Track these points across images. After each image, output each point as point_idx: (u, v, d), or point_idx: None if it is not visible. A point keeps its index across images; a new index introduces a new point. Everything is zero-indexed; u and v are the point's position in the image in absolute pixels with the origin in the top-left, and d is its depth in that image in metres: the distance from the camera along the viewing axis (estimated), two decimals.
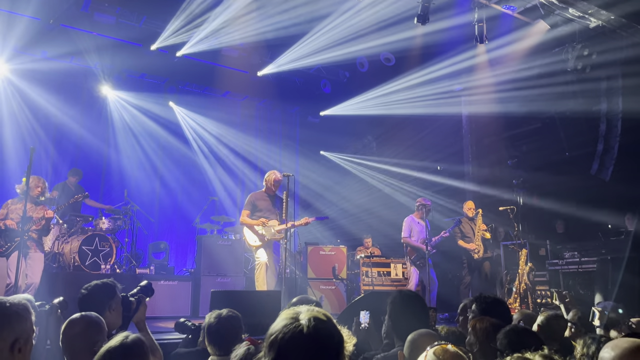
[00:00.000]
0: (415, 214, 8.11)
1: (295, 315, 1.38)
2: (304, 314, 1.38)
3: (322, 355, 1.34)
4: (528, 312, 3.71)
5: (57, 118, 9.84)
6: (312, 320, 1.36)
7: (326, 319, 1.40)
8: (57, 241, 7.61)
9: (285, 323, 1.37)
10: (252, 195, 6.84)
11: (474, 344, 2.55)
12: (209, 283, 7.73)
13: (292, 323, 1.35)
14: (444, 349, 1.87)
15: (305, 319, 1.36)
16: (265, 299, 5.38)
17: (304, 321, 1.35)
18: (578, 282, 7.86)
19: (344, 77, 11.43)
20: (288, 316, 1.39)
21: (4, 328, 1.78)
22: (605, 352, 1.86)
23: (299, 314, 1.39)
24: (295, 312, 1.40)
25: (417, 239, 7.91)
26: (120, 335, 2.00)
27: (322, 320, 1.38)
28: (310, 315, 1.38)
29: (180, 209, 11.10)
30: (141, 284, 3.19)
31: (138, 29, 9.16)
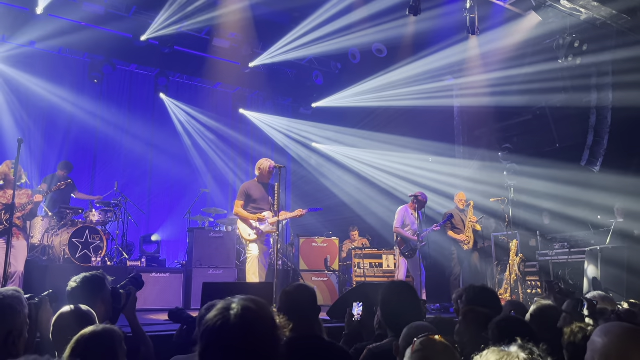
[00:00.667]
0: (410, 205, 8.10)
1: (227, 306, 1.40)
2: (235, 304, 1.40)
3: (249, 344, 1.35)
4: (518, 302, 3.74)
5: (47, 109, 9.73)
6: (241, 309, 1.38)
7: (257, 307, 1.41)
8: (46, 234, 7.55)
9: (216, 313, 1.39)
10: (245, 185, 6.72)
11: (464, 334, 2.57)
12: (200, 275, 7.71)
13: (221, 313, 1.38)
14: (431, 339, 1.87)
15: (234, 309, 1.38)
16: (257, 291, 5.37)
17: (233, 311, 1.37)
18: (568, 272, 7.94)
19: (336, 69, 11.39)
20: (220, 307, 1.41)
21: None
22: (597, 337, 1.87)
23: (230, 304, 1.40)
24: (228, 303, 1.42)
25: (410, 231, 7.92)
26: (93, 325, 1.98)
27: (251, 309, 1.39)
28: (240, 305, 1.39)
29: (172, 201, 11.05)
30: (131, 276, 3.17)
31: (128, 19, 9.06)
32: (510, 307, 3.57)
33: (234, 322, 1.36)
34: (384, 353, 2.52)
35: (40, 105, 9.65)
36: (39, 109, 9.70)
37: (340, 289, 8.58)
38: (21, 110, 9.42)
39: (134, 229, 9.42)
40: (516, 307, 3.57)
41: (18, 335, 1.80)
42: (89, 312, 2.42)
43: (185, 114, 11.32)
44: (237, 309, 1.39)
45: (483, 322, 2.47)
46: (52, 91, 9.62)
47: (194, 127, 11.42)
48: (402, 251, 7.90)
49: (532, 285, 8.06)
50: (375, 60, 10.15)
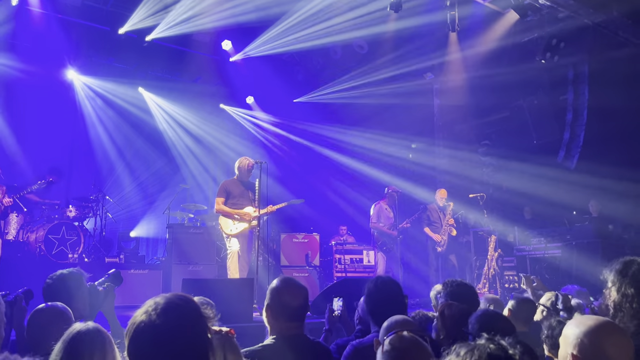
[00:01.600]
0: (384, 200, 8.19)
1: (152, 305, 1.40)
2: (159, 300, 1.40)
3: (172, 342, 1.35)
4: (495, 297, 3.79)
5: (20, 103, 9.50)
6: (163, 308, 1.37)
7: (180, 303, 1.41)
8: (21, 230, 7.39)
9: (140, 312, 1.39)
10: (224, 182, 6.74)
11: (441, 330, 2.59)
12: (180, 271, 7.65)
13: (145, 312, 1.38)
14: (400, 336, 1.87)
15: (156, 307, 1.38)
16: (237, 287, 5.35)
17: (155, 310, 1.37)
18: (544, 267, 8.09)
19: (317, 64, 11.36)
20: (145, 305, 1.41)
21: None
22: (569, 329, 1.90)
23: (155, 302, 1.40)
24: (153, 300, 1.41)
25: (385, 226, 7.99)
26: (79, 323, 1.95)
27: (175, 304, 1.39)
28: (163, 301, 1.39)
29: (151, 197, 10.92)
30: (109, 273, 3.13)
31: (105, 11, 8.88)
32: (487, 302, 3.62)
33: (157, 320, 1.36)
34: (368, 349, 2.53)
35: (14, 99, 9.41)
36: (13, 103, 9.46)
37: (321, 285, 8.59)
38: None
39: (112, 225, 9.29)
40: (493, 302, 3.63)
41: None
42: (64, 309, 2.38)
43: (164, 109, 11.17)
44: (160, 304, 1.38)
45: (460, 318, 2.50)
46: (27, 84, 9.39)
47: (173, 121, 11.28)
48: (380, 246, 7.97)
49: (510, 279, 8.19)
50: (357, 56, 10.17)
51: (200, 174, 11.49)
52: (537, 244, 8.38)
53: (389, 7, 7.50)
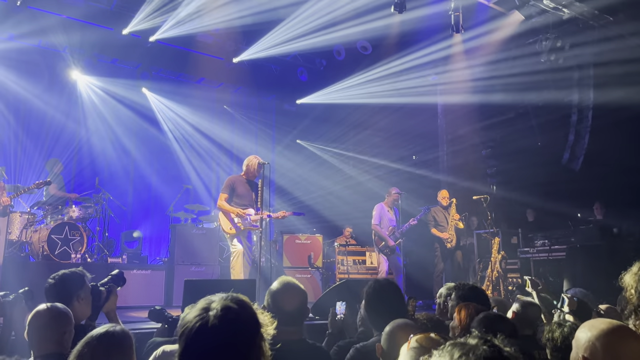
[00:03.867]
0: (385, 202, 8.16)
1: (207, 306, 1.36)
2: (215, 304, 1.36)
3: (229, 345, 1.32)
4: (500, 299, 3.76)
5: (26, 104, 9.53)
6: (220, 310, 1.34)
7: (237, 306, 1.37)
8: (25, 230, 7.39)
9: (195, 314, 1.35)
10: (231, 178, 6.59)
11: (457, 328, 2.58)
12: (183, 272, 7.65)
13: (201, 314, 1.34)
14: (428, 336, 1.87)
15: (214, 309, 1.34)
16: (239, 288, 5.31)
17: (212, 312, 1.33)
18: (548, 269, 8.04)
19: (321, 65, 11.36)
20: (200, 307, 1.37)
21: None
22: (582, 332, 1.88)
23: (210, 304, 1.37)
24: (208, 302, 1.38)
25: (387, 227, 7.94)
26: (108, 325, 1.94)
27: (231, 310, 1.35)
28: (220, 305, 1.35)
29: (154, 197, 10.92)
30: (112, 273, 3.11)
31: (109, 12, 8.90)
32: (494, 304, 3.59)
33: (213, 324, 1.32)
34: (371, 352, 2.50)
35: (19, 99, 9.44)
36: (18, 103, 9.49)
37: (324, 286, 8.57)
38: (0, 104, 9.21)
39: (115, 225, 9.29)
40: (498, 304, 3.60)
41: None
42: (64, 310, 2.37)
43: (168, 109, 11.18)
44: (217, 309, 1.34)
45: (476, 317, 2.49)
46: (31, 85, 9.42)
47: (176, 122, 11.29)
48: (381, 249, 7.95)
49: (514, 282, 8.15)
50: (360, 57, 10.15)
51: (203, 175, 11.49)
52: (541, 247, 8.33)
53: (393, 8, 7.49)
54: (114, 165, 10.42)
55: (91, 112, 10.27)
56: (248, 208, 6.43)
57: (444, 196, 8.50)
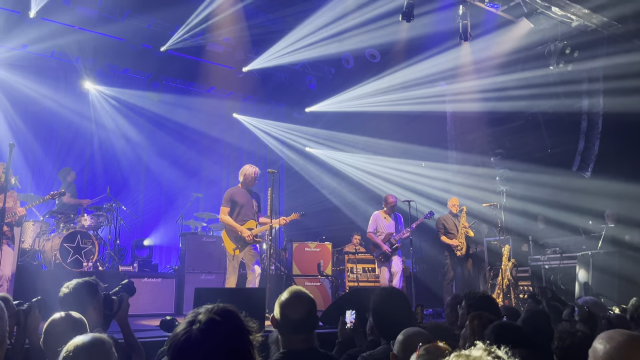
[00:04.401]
0: (383, 210, 8.07)
1: (192, 319, 1.38)
2: (201, 316, 1.38)
3: (213, 357, 1.33)
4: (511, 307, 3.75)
5: (39, 113, 9.68)
6: (204, 323, 1.35)
7: (221, 318, 1.38)
8: (37, 238, 7.48)
9: (181, 327, 1.37)
10: (229, 191, 6.63)
11: (469, 338, 2.58)
12: (193, 280, 7.69)
13: (186, 328, 1.35)
14: (436, 345, 1.89)
15: (198, 322, 1.35)
16: (250, 296, 5.36)
17: (196, 325, 1.35)
18: (559, 277, 7.98)
19: (330, 74, 11.43)
20: (187, 319, 1.39)
21: None
22: (599, 344, 1.87)
23: (196, 317, 1.38)
24: (194, 315, 1.39)
25: (383, 235, 7.86)
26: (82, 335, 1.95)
27: (216, 321, 1.36)
28: (205, 317, 1.37)
29: (165, 206, 11.00)
30: (122, 283, 3.15)
31: (121, 23, 9.03)
32: (504, 312, 3.58)
33: (197, 337, 1.33)
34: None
35: (32, 109, 9.59)
36: (32, 112, 9.63)
37: (334, 294, 8.57)
38: (13, 113, 9.36)
39: (126, 233, 9.36)
40: (509, 313, 3.59)
41: (1, 341, 1.79)
42: (80, 319, 2.40)
43: (178, 118, 11.27)
44: (201, 321, 1.36)
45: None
46: (44, 94, 9.56)
47: (187, 131, 11.38)
48: (375, 256, 7.91)
49: (524, 290, 8.09)
50: (369, 65, 10.19)
51: (213, 183, 11.56)
52: (552, 254, 8.29)
53: (401, 17, 7.52)
54: (125, 174, 10.53)
55: (103, 122, 10.39)
56: (248, 221, 6.40)
57: (453, 204, 8.46)
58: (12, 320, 2.65)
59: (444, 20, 8.25)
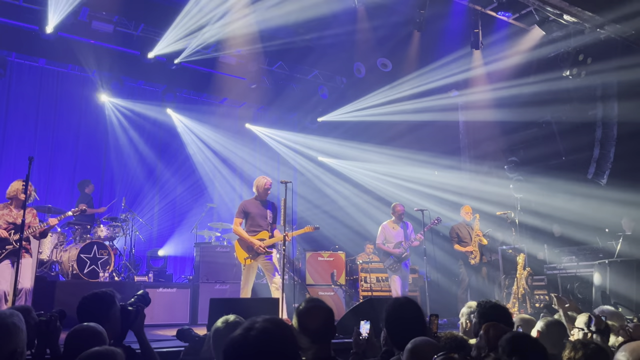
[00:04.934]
0: (390, 220, 8.14)
1: (249, 325, 1.47)
2: (258, 324, 1.47)
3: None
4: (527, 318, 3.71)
5: (56, 125, 9.85)
6: (260, 330, 1.44)
7: (275, 326, 1.48)
8: (55, 249, 7.59)
9: (239, 332, 1.46)
10: (243, 203, 6.71)
11: (484, 349, 2.57)
12: (207, 290, 7.73)
13: (243, 333, 1.45)
14: (450, 357, 1.89)
15: (255, 329, 1.45)
16: (264, 307, 5.37)
17: (253, 332, 1.44)
18: (576, 286, 7.88)
19: (341, 83, 11.49)
20: (244, 326, 1.48)
21: (3, 339, 1.79)
22: (622, 356, 1.86)
23: (253, 324, 1.47)
24: (252, 322, 1.49)
25: (392, 244, 7.90)
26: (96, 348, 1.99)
27: (270, 329, 1.46)
28: (261, 326, 1.46)
29: (179, 216, 11.10)
30: (138, 293, 3.20)
31: (136, 36, 9.20)
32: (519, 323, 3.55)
33: (253, 343, 1.42)
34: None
35: (50, 122, 9.77)
36: (49, 125, 9.81)
37: (347, 304, 8.55)
38: (31, 126, 9.54)
39: (141, 244, 9.46)
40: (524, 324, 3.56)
41: (20, 353, 1.84)
42: (99, 330, 2.45)
43: (192, 129, 11.41)
44: (258, 329, 1.45)
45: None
46: (61, 107, 9.75)
47: (201, 142, 11.50)
48: (387, 266, 7.95)
49: (540, 299, 8.00)
50: (380, 74, 10.23)
51: (227, 193, 11.64)
52: (568, 263, 8.19)
53: (413, 27, 7.56)
54: (140, 185, 10.65)
55: (118, 134, 10.55)
56: (261, 232, 6.45)
57: (467, 211, 8.43)
58: (33, 331, 2.70)
59: (455, 28, 8.27)
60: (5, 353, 1.79)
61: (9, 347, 1.80)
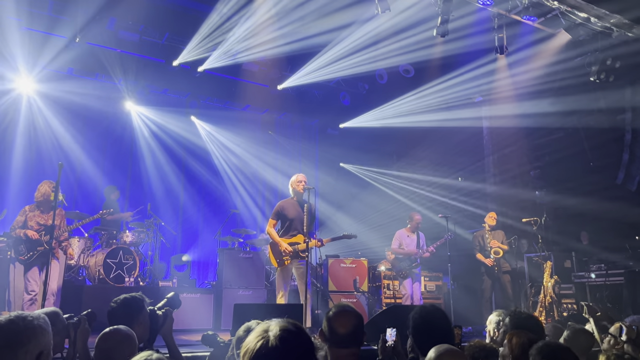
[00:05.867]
0: (406, 228, 8.17)
1: (266, 328, 1.46)
2: (273, 327, 1.46)
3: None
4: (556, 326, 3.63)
5: (84, 133, 10.06)
6: (279, 332, 1.43)
7: (295, 330, 1.47)
8: (82, 254, 7.74)
9: (255, 336, 1.45)
10: (280, 203, 6.50)
11: (507, 357, 2.53)
12: (230, 296, 7.77)
13: (261, 336, 1.43)
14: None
15: (273, 331, 1.44)
16: (287, 313, 5.36)
17: (272, 333, 1.43)
18: (605, 295, 7.70)
19: (363, 89, 11.48)
20: (260, 329, 1.47)
21: (30, 341, 1.85)
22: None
23: (269, 327, 1.46)
24: (267, 325, 1.48)
25: (406, 250, 7.94)
26: (145, 353, 2.02)
27: (290, 332, 1.45)
28: (279, 328, 1.45)
29: (202, 222, 11.20)
30: (168, 296, 3.23)
31: (160, 45, 9.35)
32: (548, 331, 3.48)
33: (274, 344, 1.41)
34: None
35: (78, 129, 9.97)
36: (77, 132, 10.01)
37: (370, 311, 8.49)
38: (60, 133, 9.75)
39: (165, 249, 9.57)
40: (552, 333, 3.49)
41: (47, 355, 1.89)
42: (129, 333, 2.48)
43: (215, 136, 11.53)
44: (276, 330, 1.44)
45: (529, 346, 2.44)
46: (88, 115, 9.96)
47: (224, 148, 11.61)
48: (397, 271, 7.96)
49: (568, 308, 7.83)
50: (403, 80, 10.19)
51: (249, 199, 11.71)
52: (597, 271, 8.01)
53: (435, 32, 7.52)
54: (165, 191, 10.79)
55: (143, 141, 10.72)
56: (297, 235, 6.34)
57: (493, 217, 8.32)
58: (62, 333, 2.76)
59: (479, 33, 8.20)
60: (32, 355, 1.82)
61: (37, 349, 1.84)
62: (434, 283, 9.09)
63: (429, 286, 9.03)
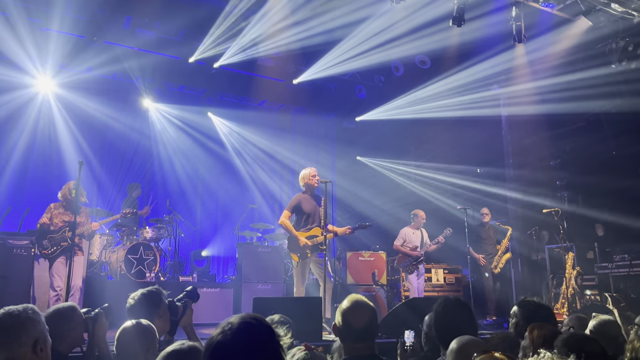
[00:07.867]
0: (412, 225, 8.21)
1: (226, 323, 1.48)
2: (233, 319, 1.48)
3: (247, 357, 1.42)
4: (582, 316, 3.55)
5: (103, 131, 10.20)
6: (238, 325, 1.45)
7: (255, 322, 1.48)
8: (104, 250, 7.86)
9: (217, 330, 1.47)
10: (297, 197, 6.49)
11: (529, 348, 2.49)
12: (249, 290, 7.83)
13: (221, 330, 1.45)
14: (492, 356, 1.83)
15: (233, 324, 1.45)
16: (306, 306, 5.39)
17: (230, 327, 1.45)
18: (629, 285, 7.55)
19: (379, 82, 11.39)
20: (222, 323, 1.49)
21: (21, 334, 1.94)
22: None
23: (230, 321, 1.48)
24: (228, 321, 1.49)
25: (410, 246, 8.03)
26: (178, 342, 2.06)
27: (249, 324, 1.46)
28: (238, 321, 1.47)
29: (221, 217, 11.29)
30: (186, 289, 3.26)
31: (177, 42, 9.40)
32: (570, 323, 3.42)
33: (230, 337, 1.43)
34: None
35: (97, 127, 10.11)
36: (96, 131, 10.16)
37: (389, 304, 8.48)
38: (80, 132, 9.91)
39: (185, 244, 9.67)
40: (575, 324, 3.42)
41: (44, 342, 1.99)
42: (149, 326, 2.51)
43: (232, 132, 11.59)
44: (235, 324, 1.46)
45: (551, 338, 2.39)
46: (107, 113, 10.08)
47: (241, 144, 11.67)
48: (403, 267, 8.03)
49: (592, 299, 7.71)
50: (419, 71, 10.08)
51: (267, 194, 11.76)
52: (620, 261, 7.86)
53: (451, 22, 7.42)
54: (184, 188, 10.90)
55: (161, 138, 10.83)
56: (314, 227, 6.36)
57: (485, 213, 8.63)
58: (80, 328, 2.80)
59: (496, 22, 8.06)
60: (28, 346, 1.93)
61: (30, 340, 1.94)
62: (453, 275, 9.02)
63: (448, 279, 8.97)
